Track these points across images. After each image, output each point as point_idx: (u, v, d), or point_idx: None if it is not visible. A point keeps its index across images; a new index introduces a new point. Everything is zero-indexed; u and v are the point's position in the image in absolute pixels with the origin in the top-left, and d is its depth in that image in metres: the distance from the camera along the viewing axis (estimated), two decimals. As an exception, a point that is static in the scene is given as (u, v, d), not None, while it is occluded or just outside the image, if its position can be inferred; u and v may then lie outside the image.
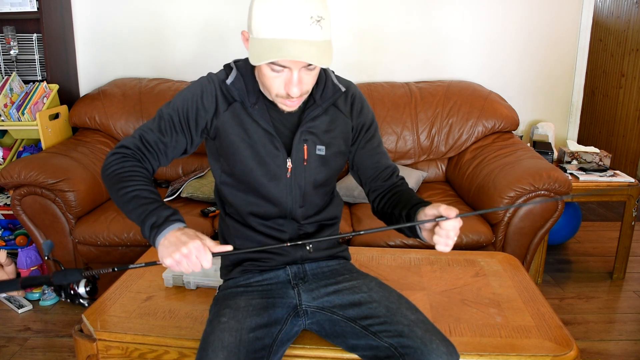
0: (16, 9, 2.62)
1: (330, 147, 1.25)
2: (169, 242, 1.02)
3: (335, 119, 1.26)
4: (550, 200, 2.00)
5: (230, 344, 1.07)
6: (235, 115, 1.20)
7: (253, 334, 1.11)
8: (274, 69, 1.07)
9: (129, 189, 1.11)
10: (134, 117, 2.73)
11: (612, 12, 4.37)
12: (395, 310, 1.15)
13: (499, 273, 1.65)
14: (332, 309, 1.22)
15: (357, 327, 1.16)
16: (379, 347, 1.12)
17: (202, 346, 1.09)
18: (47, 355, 2.05)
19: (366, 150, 1.33)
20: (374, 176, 1.33)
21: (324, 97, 1.24)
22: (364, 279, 1.28)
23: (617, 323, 2.28)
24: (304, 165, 1.23)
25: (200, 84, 1.22)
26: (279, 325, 1.18)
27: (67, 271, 1.06)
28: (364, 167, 1.34)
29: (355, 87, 1.34)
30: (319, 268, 1.31)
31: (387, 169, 1.34)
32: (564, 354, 1.24)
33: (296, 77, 1.08)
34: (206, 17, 2.93)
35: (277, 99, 1.14)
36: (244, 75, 1.21)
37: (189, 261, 1.01)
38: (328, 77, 1.26)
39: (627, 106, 4.17)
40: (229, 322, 1.13)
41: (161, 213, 1.07)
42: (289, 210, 1.26)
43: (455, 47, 2.99)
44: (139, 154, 1.19)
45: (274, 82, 1.10)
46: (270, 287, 1.26)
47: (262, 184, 1.22)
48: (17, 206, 2.21)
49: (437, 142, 2.74)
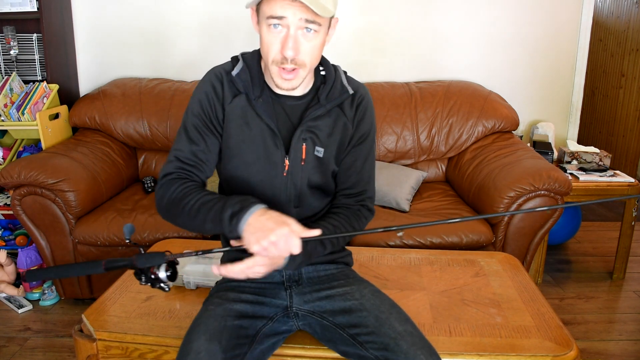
0: (16, 9, 2.61)
1: (328, 149, 1.23)
2: (255, 227, 1.00)
3: (338, 123, 1.23)
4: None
5: (214, 328, 1.09)
6: (239, 107, 1.20)
7: (238, 322, 1.13)
8: (272, 23, 1.07)
9: (191, 203, 1.10)
10: (134, 117, 2.73)
11: (612, 12, 4.37)
12: (384, 321, 1.12)
13: (499, 273, 1.65)
14: (323, 313, 1.21)
15: (344, 335, 1.15)
16: (365, 357, 1.11)
17: (188, 331, 1.11)
18: (47, 355, 2.05)
19: (347, 160, 1.26)
20: (339, 188, 1.28)
21: (329, 97, 1.22)
22: (358, 285, 1.25)
23: (617, 323, 2.28)
24: (301, 165, 1.21)
25: (208, 80, 1.22)
26: (264, 320, 1.19)
27: (149, 255, 1.03)
28: (338, 176, 1.28)
29: (366, 91, 1.29)
30: (316, 272, 1.29)
31: (354, 187, 1.26)
32: (564, 354, 1.24)
33: (293, 33, 1.07)
34: (206, 17, 2.93)
35: (274, 68, 1.11)
36: (250, 66, 1.21)
37: (277, 248, 0.98)
38: (338, 77, 1.25)
39: (627, 106, 4.17)
40: (215, 309, 1.15)
41: (233, 203, 1.05)
42: (281, 209, 1.21)
43: (455, 47, 2.99)
44: (183, 173, 1.18)
45: (272, 43, 1.09)
46: (263, 286, 1.26)
47: (258, 179, 1.21)
48: (17, 206, 2.21)
49: (437, 142, 2.74)
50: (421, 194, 2.56)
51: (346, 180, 1.28)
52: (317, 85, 1.24)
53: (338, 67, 1.28)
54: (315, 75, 1.25)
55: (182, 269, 1.57)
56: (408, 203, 2.40)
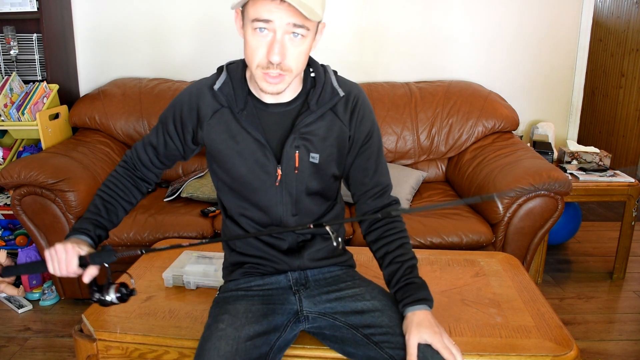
0: (16, 9, 2.61)
1: (324, 154, 1.19)
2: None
3: (333, 126, 1.19)
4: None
5: (226, 352, 1.05)
6: (222, 122, 1.18)
7: (250, 342, 1.09)
8: (258, 26, 1.03)
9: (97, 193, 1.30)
10: (134, 117, 2.73)
11: (612, 12, 4.37)
12: (398, 321, 1.13)
13: (499, 273, 1.65)
14: (334, 315, 1.20)
15: (358, 335, 1.15)
16: (377, 357, 1.10)
17: (198, 352, 1.08)
18: (47, 355, 2.05)
19: (359, 163, 1.25)
20: (361, 193, 1.26)
21: (320, 102, 1.18)
22: (366, 286, 1.25)
23: (617, 323, 2.28)
24: (295, 173, 1.19)
25: (182, 96, 1.25)
26: (278, 332, 1.16)
27: (100, 252, 1.11)
28: (353, 181, 1.26)
29: (359, 90, 1.25)
30: (321, 274, 1.28)
31: (377, 187, 1.25)
32: (564, 354, 1.24)
33: (279, 38, 1.04)
34: (206, 17, 2.93)
35: (258, 72, 1.08)
36: (233, 78, 1.18)
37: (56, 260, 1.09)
38: (328, 79, 1.20)
39: (627, 106, 4.17)
40: (226, 329, 1.11)
41: (73, 227, 1.21)
42: (280, 218, 1.22)
43: (455, 47, 2.99)
44: (130, 164, 1.32)
45: (257, 47, 1.05)
46: (271, 293, 1.24)
47: (252, 190, 1.20)
48: (17, 206, 2.21)
49: (437, 142, 2.74)
50: (421, 194, 2.56)
51: (367, 183, 1.25)
52: (308, 88, 1.20)
53: (327, 67, 1.23)
54: (305, 78, 1.21)
55: (182, 269, 1.58)
56: (408, 203, 2.40)
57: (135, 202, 1.33)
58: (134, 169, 1.32)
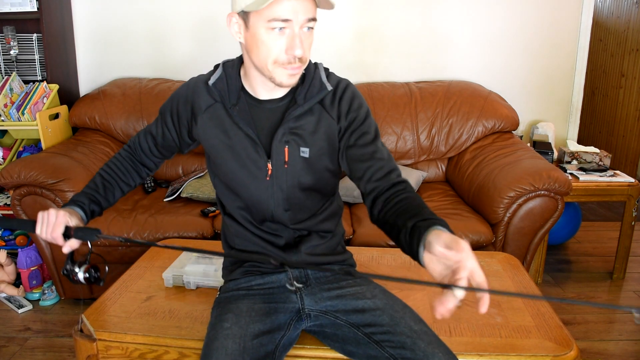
0: (16, 9, 2.61)
1: (315, 149, 1.19)
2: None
3: (321, 120, 1.19)
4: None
5: (234, 351, 1.06)
6: (215, 117, 1.21)
7: (257, 340, 1.10)
8: (276, 26, 1.03)
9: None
10: (134, 117, 2.73)
11: (612, 12, 4.37)
12: (399, 320, 1.13)
13: (499, 273, 1.65)
14: (335, 313, 1.20)
15: (359, 334, 1.15)
16: (378, 356, 1.10)
17: (205, 352, 1.08)
18: (47, 355, 2.05)
19: (357, 148, 1.19)
20: (367, 177, 1.17)
21: (308, 95, 1.18)
22: (367, 285, 1.25)
23: (617, 323, 2.28)
24: (284, 167, 1.19)
25: (180, 90, 1.29)
26: (282, 331, 1.16)
27: (85, 228, 1.16)
28: (355, 167, 1.19)
29: (347, 83, 1.23)
30: (322, 272, 1.29)
31: (382, 168, 1.17)
32: (564, 354, 1.24)
33: (298, 32, 1.05)
34: (206, 17, 2.93)
35: (275, 68, 1.08)
36: (228, 74, 1.20)
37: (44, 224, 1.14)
38: (317, 74, 1.20)
39: (627, 106, 4.17)
40: (232, 328, 1.11)
41: (71, 198, 1.28)
42: (271, 214, 1.22)
43: (455, 47, 2.99)
44: (132, 149, 1.38)
45: (274, 45, 1.06)
46: (272, 291, 1.25)
47: (243, 185, 1.21)
48: (17, 206, 2.21)
49: (437, 142, 2.74)
50: (421, 194, 2.56)
51: (370, 167, 1.17)
52: (300, 84, 1.20)
53: (319, 64, 1.24)
54: None
55: (182, 269, 1.58)
56: (408, 203, 2.40)
57: (133, 185, 1.37)
58: (135, 154, 1.38)
